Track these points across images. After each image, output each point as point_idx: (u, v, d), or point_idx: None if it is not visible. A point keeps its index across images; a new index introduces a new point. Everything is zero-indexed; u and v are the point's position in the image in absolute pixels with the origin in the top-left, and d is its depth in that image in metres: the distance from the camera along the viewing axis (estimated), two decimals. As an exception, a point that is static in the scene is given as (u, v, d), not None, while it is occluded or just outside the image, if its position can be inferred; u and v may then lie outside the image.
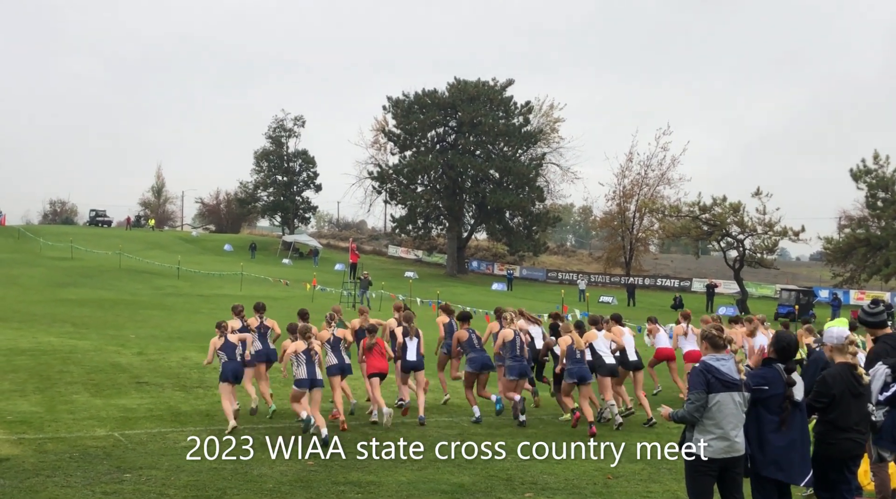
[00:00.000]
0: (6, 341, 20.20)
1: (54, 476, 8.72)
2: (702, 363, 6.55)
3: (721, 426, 6.37)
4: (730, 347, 6.71)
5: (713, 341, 6.61)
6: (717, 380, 6.39)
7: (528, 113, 72.04)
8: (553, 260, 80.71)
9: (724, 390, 6.39)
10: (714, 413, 6.38)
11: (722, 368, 6.45)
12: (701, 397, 6.38)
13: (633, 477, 9.63)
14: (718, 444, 6.37)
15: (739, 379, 6.47)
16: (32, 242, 65.76)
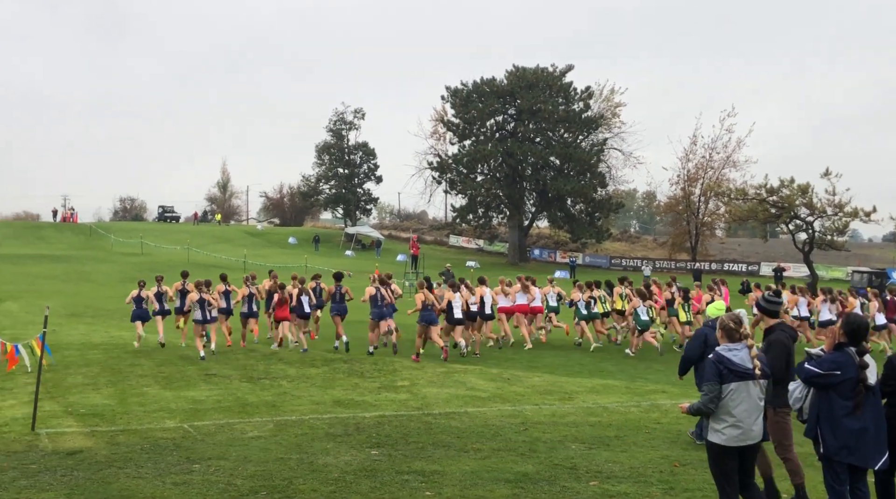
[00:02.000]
0: (79, 336, 20.74)
1: (126, 467, 8.91)
2: (715, 354, 6.57)
3: (734, 415, 6.44)
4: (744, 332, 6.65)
5: (728, 332, 6.63)
6: (729, 370, 6.44)
7: (588, 98, 71.22)
8: (616, 247, 79.84)
9: (736, 380, 6.44)
10: (727, 402, 6.45)
11: (734, 358, 6.47)
12: (714, 388, 6.46)
13: (701, 464, 9.43)
14: (732, 432, 6.45)
15: (752, 368, 6.46)
16: (104, 238, 67.45)
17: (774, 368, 7.38)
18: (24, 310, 27.42)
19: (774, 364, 7.47)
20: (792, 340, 8.01)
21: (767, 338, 7.99)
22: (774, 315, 8.09)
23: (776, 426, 7.84)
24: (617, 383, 15.65)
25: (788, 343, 7.90)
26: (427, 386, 14.64)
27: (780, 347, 7.78)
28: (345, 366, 16.62)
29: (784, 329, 8.00)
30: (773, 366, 7.34)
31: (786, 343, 7.85)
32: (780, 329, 7.98)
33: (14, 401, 12.70)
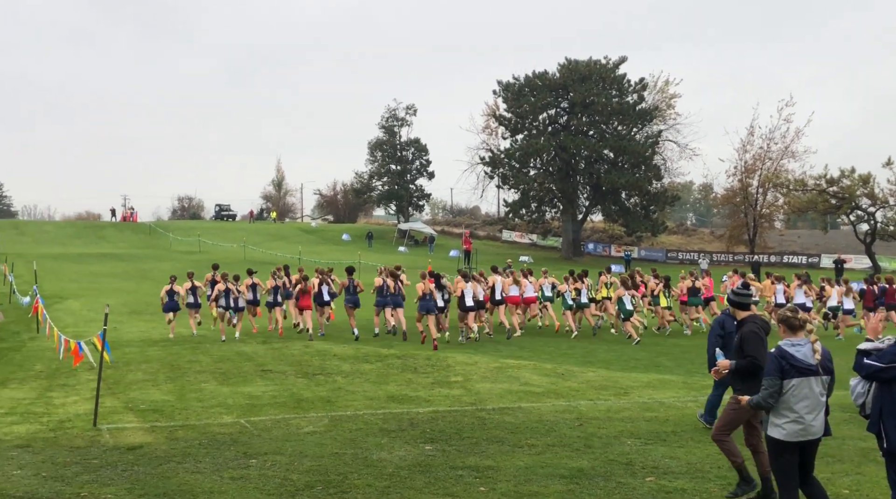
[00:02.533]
0: (139, 333, 21.14)
1: (185, 462, 9.05)
2: (777, 349, 6.48)
3: (795, 411, 6.39)
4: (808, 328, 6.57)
5: (789, 323, 6.55)
6: (791, 366, 6.37)
7: (642, 90, 70.41)
8: (673, 240, 78.89)
9: (799, 376, 6.37)
10: (788, 398, 6.40)
11: (797, 354, 6.40)
12: (775, 384, 6.39)
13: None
14: (793, 427, 6.41)
15: (816, 364, 6.39)
16: (162, 237, 68.70)
17: (759, 358, 7.46)
18: (86, 308, 28.05)
19: (757, 354, 7.53)
20: (764, 331, 7.94)
21: (740, 331, 7.93)
22: (745, 308, 8.09)
23: (734, 413, 7.78)
24: (673, 378, 15.47)
25: (762, 334, 7.84)
26: (480, 381, 14.63)
27: (756, 339, 7.73)
28: (398, 361, 16.69)
29: (755, 321, 7.96)
30: (755, 356, 7.51)
31: (759, 335, 7.81)
32: (752, 321, 7.95)
33: (77, 397, 12.99)
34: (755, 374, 7.45)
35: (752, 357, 7.59)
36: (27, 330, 21.91)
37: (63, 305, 28.82)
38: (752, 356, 7.57)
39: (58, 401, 12.74)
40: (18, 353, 18.01)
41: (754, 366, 7.54)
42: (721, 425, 7.96)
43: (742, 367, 7.68)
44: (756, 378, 7.40)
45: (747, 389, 7.53)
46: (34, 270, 27.90)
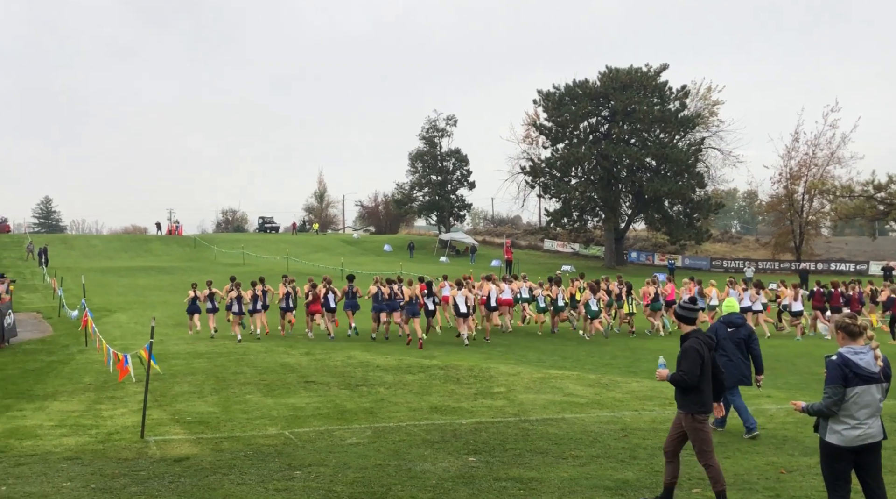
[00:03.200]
0: (185, 345, 21.38)
1: (230, 474, 9.12)
2: (839, 356, 6.40)
3: (856, 417, 6.33)
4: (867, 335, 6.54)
5: (848, 330, 6.49)
6: (855, 374, 6.30)
7: (684, 97, 69.86)
8: (717, 248, 78.03)
9: (862, 384, 6.31)
10: (850, 405, 6.34)
11: (860, 362, 6.33)
12: (838, 392, 6.32)
13: (809, 471, 9.13)
14: (851, 433, 6.34)
15: (878, 372, 6.34)
16: (207, 249, 69.53)
17: (690, 375, 7.53)
18: (133, 321, 28.45)
19: (690, 371, 7.56)
20: (707, 347, 7.89)
21: (682, 345, 7.90)
22: (691, 322, 8.03)
23: (695, 433, 7.73)
24: (719, 387, 15.24)
25: (702, 350, 7.79)
26: (524, 392, 14.57)
27: (695, 354, 7.69)
28: (441, 372, 16.68)
29: (699, 336, 7.91)
30: (688, 372, 7.56)
31: (700, 350, 7.75)
32: (695, 336, 7.89)
33: (124, 409, 13.16)
34: (697, 390, 7.60)
35: (684, 373, 7.61)
36: (76, 343, 22.27)
37: (111, 318, 29.26)
38: (685, 373, 7.60)
39: (106, 413, 12.92)
40: (68, 366, 18.31)
41: (684, 381, 7.60)
42: (700, 450, 7.79)
43: (676, 380, 7.69)
44: (694, 393, 7.64)
45: (686, 401, 7.69)
46: (82, 283, 28.39)
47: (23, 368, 18.13)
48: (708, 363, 7.81)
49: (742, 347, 11.37)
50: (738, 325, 11.51)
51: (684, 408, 7.73)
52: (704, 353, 7.80)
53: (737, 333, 11.41)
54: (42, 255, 53.56)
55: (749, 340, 11.40)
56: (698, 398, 7.68)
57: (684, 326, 8.06)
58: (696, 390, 7.66)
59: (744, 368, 11.32)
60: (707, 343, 7.94)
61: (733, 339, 11.37)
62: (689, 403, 7.69)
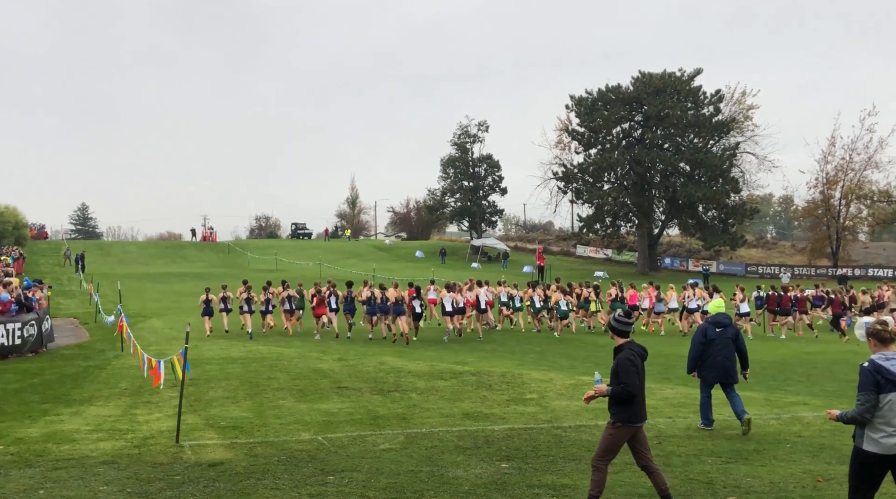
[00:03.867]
0: (219, 351, 21.55)
1: (264, 479, 9.17)
2: (871, 363, 6.32)
3: (892, 424, 6.23)
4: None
5: (879, 336, 6.40)
6: (887, 381, 6.22)
7: (718, 102, 69.35)
8: (752, 253, 77.24)
9: (894, 390, 6.21)
10: (885, 412, 6.24)
11: (892, 367, 6.25)
12: (871, 398, 6.24)
13: (846, 480, 8.95)
14: (889, 441, 6.25)
15: None
16: (241, 255, 70.08)
17: (631, 386, 7.64)
18: (167, 326, 28.73)
19: (629, 382, 7.65)
20: (640, 357, 8.00)
21: (616, 357, 7.98)
22: (624, 335, 8.09)
23: (609, 437, 7.85)
24: (755, 394, 15.09)
25: (636, 360, 7.90)
26: (556, 399, 14.51)
27: (630, 365, 7.79)
28: (473, 378, 16.66)
29: (632, 347, 8.00)
30: (628, 384, 7.65)
31: (633, 361, 7.86)
32: (629, 348, 7.98)
33: (160, 414, 13.28)
34: (629, 400, 7.70)
35: (625, 384, 7.68)
36: (112, 348, 22.53)
37: (146, 323, 29.57)
38: (626, 384, 7.67)
39: (142, 418, 13.05)
40: (104, 371, 18.52)
41: (628, 393, 7.67)
42: (601, 451, 7.86)
43: (616, 393, 7.75)
44: (629, 404, 7.73)
45: (618, 411, 7.78)
46: (118, 289, 28.73)
47: (60, 373, 18.37)
48: (642, 373, 7.94)
49: (730, 345, 12.04)
50: (725, 325, 12.18)
51: (616, 417, 7.81)
52: (638, 363, 7.92)
53: (725, 333, 12.08)
54: (79, 261, 54.31)
55: (736, 339, 12.12)
56: (630, 409, 7.78)
57: (618, 338, 8.12)
58: (630, 400, 7.75)
59: (729, 366, 12.02)
60: (640, 354, 8.04)
61: (721, 338, 12.05)
62: (620, 412, 7.79)
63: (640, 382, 7.82)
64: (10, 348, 20.86)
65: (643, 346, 8.22)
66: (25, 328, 21.59)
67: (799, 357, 20.83)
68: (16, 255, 54.00)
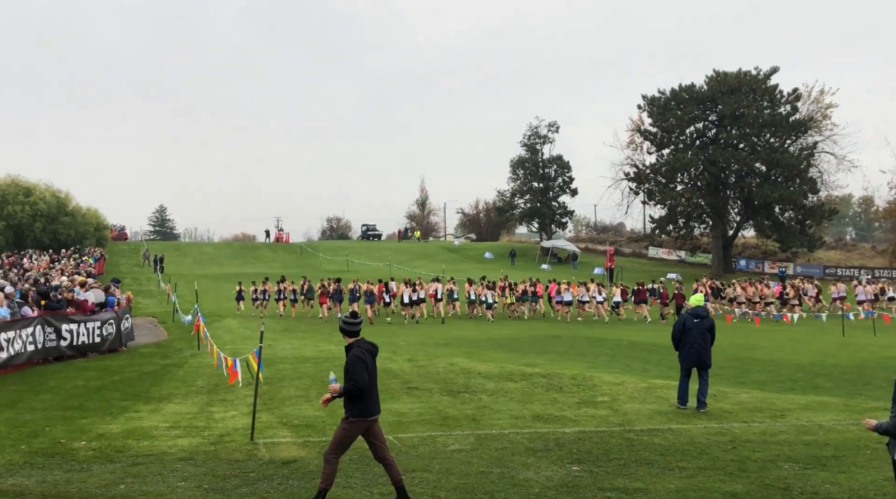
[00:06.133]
0: (292, 350, 21.88)
1: (336, 477, 9.25)
2: None
3: None
4: None
5: None
6: None
7: (795, 101, 67.72)
8: (831, 255, 75.19)
9: None
10: None
11: None
12: None
13: (931, 491, 8.69)
14: None
15: None
16: (313, 256, 71.06)
17: (361, 382, 7.95)
18: (242, 326, 29.28)
19: (360, 378, 7.96)
20: (371, 354, 8.29)
21: (347, 355, 8.23)
22: (353, 335, 8.37)
23: (342, 431, 8.14)
24: (834, 399, 14.72)
25: (366, 357, 8.18)
26: (628, 402, 14.35)
27: (359, 362, 8.07)
28: (543, 380, 16.58)
29: (361, 345, 8.27)
30: (358, 380, 7.96)
31: (363, 358, 8.14)
32: (358, 346, 8.26)
33: (235, 412, 13.54)
34: (361, 395, 8.04)
35: (354, 381, 7.98)
36: (189, 347, 23.06)
37: (222, 323, 30.19)
38: (355, 380, 7.97)
39: (218, 415, 13.31)
40: (181, 369, 18.96)
41: (358, 389, 7.98)
42: (334, 446, 8.12)
43: (349, 390, 8.03)
44: (361, 399, 8.07)
45: (352, 406, 8.08)
46: (195, 289, 29.38)
47: (139, 370, 18.87)
48: (372, 369, 8.23)
49: (705, 335, 13.75)
50: (702, 316, 13.88)
51: (350, 412, 8.11)
52: (368, 360, 8.20)
53: (701, 324, 13.77)
54: (158, 263, 55.76)
55: (711, 329, 13.88)
56: (363, 403, 8.09)
57: (347, 338, 8.37)
58: (361, 396, 8.04)
59: (703, 353, 13.67)
60: (370, 350, 8.31)
61: (699, 328, 13.73)
62: (354, 407, 8.10)
63: (370, 377, 8.12)
64: (89, 346, 21.53)
65: (374, 343, 8.47)
66: (104, 327, 22.25)
67: (879, 362, 20.23)
68: (97, 255, 55.74)
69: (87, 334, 21.43)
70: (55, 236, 63.87)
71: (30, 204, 63.26)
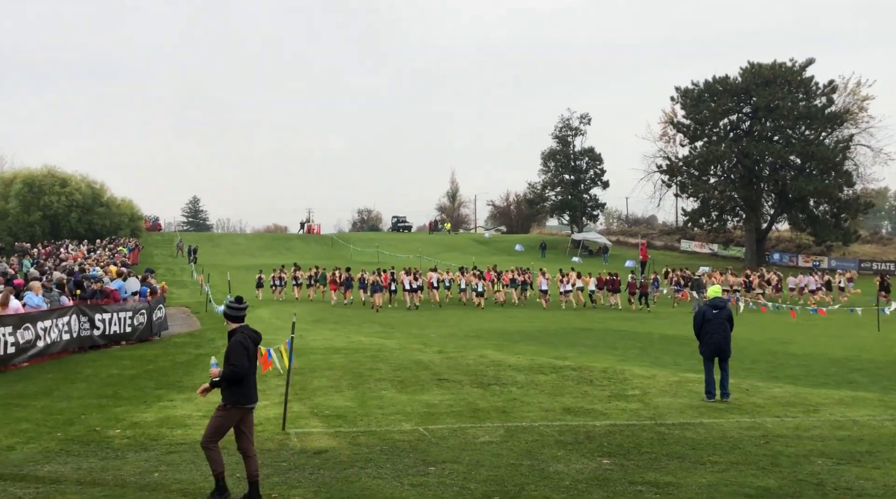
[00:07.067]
0: (323, 341, 21.99)
1: (367, 468, 9.32)
2: None
3: None
4: None
5: None
6: None
7: (831, 93, 66.83)
8: (866, 249, 74.19)
9: None
10: None
11: None
12: None
13: (970, 489, 8.57)
14: None
15: None
16: (344, 248, 71.36)
17: (240, 367, 7.92)
18: (274, 316, 29.48)
19: (239, 364, 7.94)
20: (253, 341, 8.29)
21: (229, 341, 8.20)
22: (237, 320, 8.36)
23: (216, 419, 8.05)
24: (869, 395, 14.55)
25: (248, 343, 8.18)
26: (659, 396, 14.28)
27: (240, 348, 8.06)
28: (573, 374, 16.54)
29: (244, 332, 8.29)
30: (238, 366, 7.93)
31: (244, 344, 8.14)
32: (241, 332, 8.25)
33: (267, 402, 13.63)
34: (239, 382, 7.98)
35: (234, 366, 7.94)
36: (221, 337, 23.22)
37: (253, 313, 30.39)
38: (235, 365, 7.93)
39: (250, 405, 13.40)
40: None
41: (237, 374, 7.93)
42: (210, 434, 8.01)
43: (226, 375, 7.96)
44: (239, 386, 8.00)
45: (230, 393, 7.99)
46: (228, 280, 29.64)
47: (173, 360, 19.08)
48: (253, 356, 8.23)
49: (725, 324, 13.94)
50: (720, 307, 14.09)
51: (226, 399, 8.03)
52: (250, 346, 8.18)
53: (721, 314, 13.98)
54: (191, 253, 56.31)
55: (730, 319, 14.07)
56: (240, 391, 8.03)
57: (231, 323, 8.33)
58: (240, 382, 7.99)
59: (722, 343, 13.87)
60: (252, 338, 8.30)
61: (718, 319, 13.93)
62: (232, 395, 8.01)
63: (250, 364, 8.10)
64: (121, 336, 21.81)
65: (257, 331, 8.46)
66: (136, 317, 22.52)
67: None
68: (131, 246, 56.40)
69: (118, 324, 21.70)
70: (90, 227, 64.73)
71: (65, 195, 64.15)
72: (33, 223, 62.70)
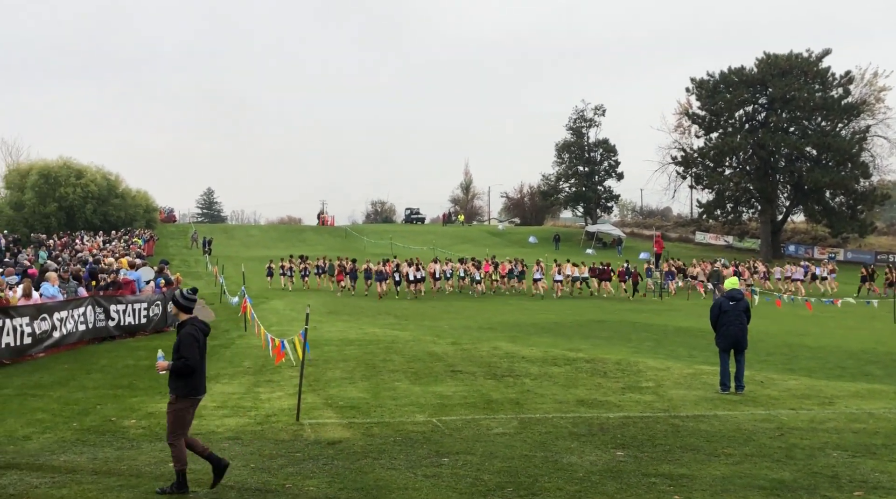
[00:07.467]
0: (337, 333, 22.04)
1: (380, 458, 9.35)
2: None
3: None
4: None
5: None
6: None
7: (847, 83, 66.30)
8: (883, 241, 73.63)
9: None
10: None
11: None
12: None
13: None
14: None
15: None
16: (357, 240, 71.43)
17: (192, 360, 7.95)
18: (288, 307, 29.57)
19: (190, 356, 7.97)
20: (203, 333, 8.36)
21: (179, 333, 8.24)
22: (188, 311, 8.44)
23: (174, 414, 8.06)
24: (884, 387, 14.48)
25: (199, 336, 8.22)
26: (673, 388, 14.25)
27: (192, 340, 8.09)
28: (587, 365, 16.52)
29: (195, 323, 8.35)
30: (189, 358, 7.96)
31: (196, 336, 8.17)
32: (192, 323, 8.31)
33: (281, 393, 13.69)
34: (190, 374, 8.01)
35: (185, 359, 7.97)
36: (236, 328, 23.34)
37: (268, 305, 30.51)
38: (186, 357, 7.97)
39: (264, 396, 13.48)
40: (228, 350, 19.20)
41: (188, 367, 7.97)
42: (171, 429, 8.08)
43: (177, 367, 7.99)
44: (190, 378, 8.03)
45: (179, 385, 8.01)
46: (242, 271, 29.70)
47: (188, 350, 19.13)
48: (203, 348, 8.25)
49: (741, 316, 13.94)
50: (738, 299, 14.09)
51: (176, 391, 8.05)
52: (201, 338, 8.23)
53: (737, 306, 13.99)
54: (206, 245, 56.51)
55: (747, 311, 14.08)
56: (191, 382, 8.07)
57: (182, 314, 8.40)
58: (191, 374, 8.02)
59: (739, 334, 13.86)
60: (202, 330, 8.36)
61: (735, 311, 13.93)
62: (182, 386, 8.04)
63: (200, 356, 8.14)
64: (136, 327, 21.92)
65: (206, 322, 8.50)
66: (151, 308, 22.63)
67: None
68: (147, 237, 56.65)
69: (133, 315, 21.81)
70: (106, 218, 65.03)
71: (81, 186, 64.43)
72: (49, 214, 63.05)
